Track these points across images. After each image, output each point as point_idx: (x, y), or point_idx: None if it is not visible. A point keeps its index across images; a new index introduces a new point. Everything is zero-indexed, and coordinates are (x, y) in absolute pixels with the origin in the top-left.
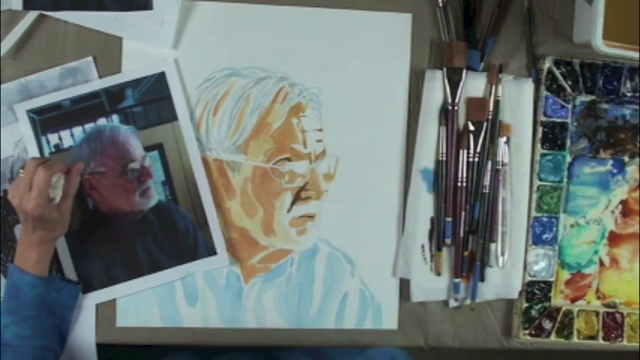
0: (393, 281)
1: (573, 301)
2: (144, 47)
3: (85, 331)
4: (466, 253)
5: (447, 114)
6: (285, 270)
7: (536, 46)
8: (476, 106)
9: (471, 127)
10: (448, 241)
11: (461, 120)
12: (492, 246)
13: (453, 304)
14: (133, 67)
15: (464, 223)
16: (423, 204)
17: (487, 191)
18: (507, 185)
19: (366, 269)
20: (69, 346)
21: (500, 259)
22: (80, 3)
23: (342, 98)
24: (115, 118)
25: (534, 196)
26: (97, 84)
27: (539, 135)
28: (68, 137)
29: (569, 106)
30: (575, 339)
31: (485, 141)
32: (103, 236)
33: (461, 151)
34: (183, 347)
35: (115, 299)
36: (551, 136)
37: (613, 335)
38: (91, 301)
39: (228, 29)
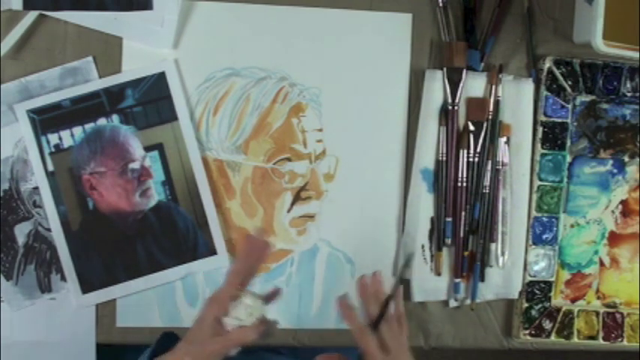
0: (393, 281)
1: (573, 301)
2: (144, 47)
3: (85, 331)
4: (466, 253)
5: (447, 114)
6: (285, 270)
7: (536, 46)
8: (476, 106)
9: (471, 127)
10: (448, 241)
11: (461, 120)
12: (492, 246)
13: (453, 304)
14: (133, 67)
15: (464, 223)
16: (423, 204)
17: (487, 191)
18: (507, 185)
19: (366, 269)
20: (69, 346)
21: (501, 259)
22: (80, 3)
23: (342, 98)
24: (115, 118)
25: (534, 196)
26: (97, 84)
27: (539, 135)
28: (68, 137)
29: (569, 106)
30: (575, 339)
31: (486, 141)
32: (103, 236)
33: (461, 151)
34: None
35: (115, 299)
36: (551, 136)
37: (613, 335)
38: (91, 301)
39: (228, 29)
